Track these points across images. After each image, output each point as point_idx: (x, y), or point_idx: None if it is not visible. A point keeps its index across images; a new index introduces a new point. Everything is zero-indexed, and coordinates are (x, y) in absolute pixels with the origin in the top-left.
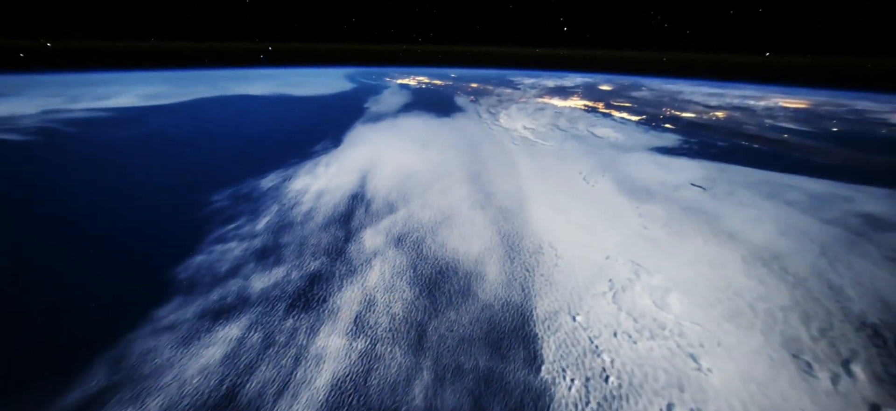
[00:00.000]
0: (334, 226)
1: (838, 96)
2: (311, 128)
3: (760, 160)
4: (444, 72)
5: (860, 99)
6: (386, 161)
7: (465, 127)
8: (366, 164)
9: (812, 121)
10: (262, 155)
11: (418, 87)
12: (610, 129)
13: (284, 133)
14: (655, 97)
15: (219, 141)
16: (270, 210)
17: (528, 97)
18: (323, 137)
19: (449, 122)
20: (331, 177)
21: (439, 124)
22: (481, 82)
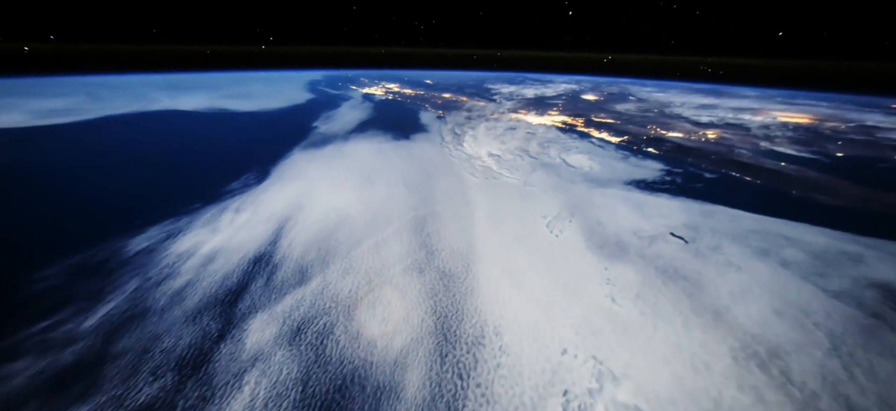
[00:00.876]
0: (211, 312)
1: (844, 103)
2: (234, 157)
3: (753, 199)
4: (424, 75)
5: (867, 108)
6: (316, 204)
7: (423, 153)
8: (288, 209)
9: (814, 142)
10: (150, 199)
11: (383, 99)
12: (585, 156)
13: (195, 165)
14: (641, 111)
15: (93, 181)
16: (124, 290)
17: (501, 112)
18: (246, 170)
19: (405, 147)
20: (235, 230)
21: (394, 150)
22: (455, 92)
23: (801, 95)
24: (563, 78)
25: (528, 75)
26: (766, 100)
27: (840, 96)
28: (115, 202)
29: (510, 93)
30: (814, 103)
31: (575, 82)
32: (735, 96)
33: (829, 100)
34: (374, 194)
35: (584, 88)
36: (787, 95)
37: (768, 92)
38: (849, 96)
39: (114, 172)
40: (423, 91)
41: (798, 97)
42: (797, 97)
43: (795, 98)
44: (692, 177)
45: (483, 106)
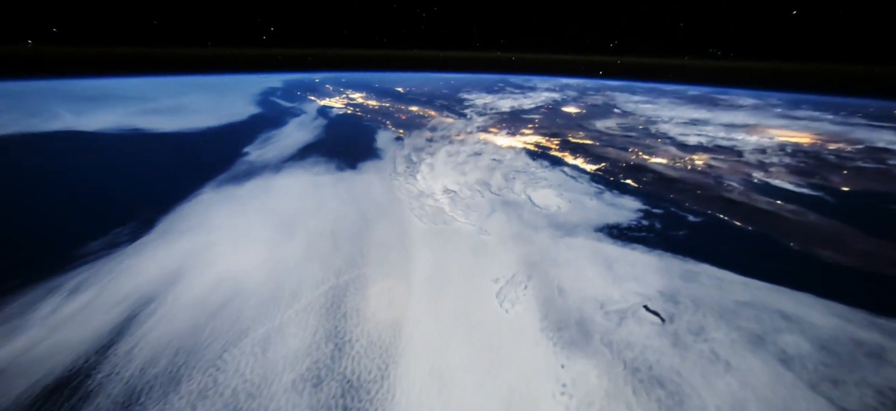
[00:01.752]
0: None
1: (851, 114)
2: (116, 200)
3: (743, 255)
4: (401, 80)
5: (876, 123)
6: (202, 272)
7: (366, 190)
8: (157, 283)
9: (815, 170)
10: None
11: (341, 114)
12: (554, 192)
13: (49, 216)
14: (624, 129)
15: None
16: None
17: (469, 131)
18: (123, 221)
19: (347, 181)
20: (52, 327)
21: (332, 185)
22: (424, 104)
23: (804, 101)
24: (553, 81)
25: (513, 78)
26: (764, 111)
27: (847, 102)
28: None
29: (484, 105)
30: (817, 116)
31: (560, 88)
32: (730, 107)
33: (835, 108)
34: (289, 251)
35: (567, 98)
36: (788, 102)
37: (768, 97)
38: (856, 102)
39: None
40: (389, 103)
41: (801, 103)
42: (800, 103)
43: (798, 105)
44: (673, 220)
45: (450, 123)
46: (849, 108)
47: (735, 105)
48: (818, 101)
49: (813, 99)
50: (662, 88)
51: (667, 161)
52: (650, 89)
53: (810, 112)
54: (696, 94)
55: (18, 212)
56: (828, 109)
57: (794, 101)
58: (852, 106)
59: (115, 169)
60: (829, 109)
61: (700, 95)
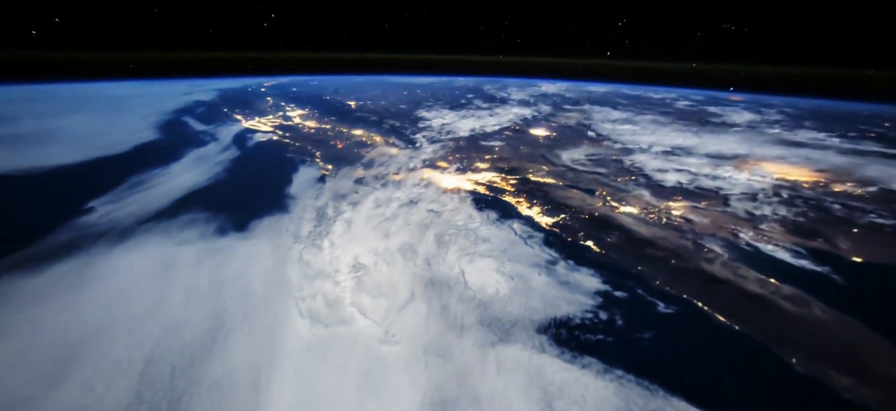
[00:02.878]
0: None
1: (861, 137)
2: None
3: (728, 381)
4: (366, 86)
5: (891, 150)
6: None
7: (243, 269)
8: None
9: (818, 228)
10: None
11: (264, 140)
12: (495, 265)
13: None
14: (594, 161)
15: None
16: None
17: (413, 166)
18: None
19: (220, 256)
20: None
21: (194, 263)
22: (372, 126)
23: (809, 111)
24: (531, 87)
25: (490, 83)
26: (759, 134)
27: (859, 109)
28: None
29: (441, 127)
30: (821, 140)
31: (534, 100)
32: (721, 127)
33: (844, 122)
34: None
35: (539, 115)
36: (790, 115)
37: (769, 104)
38: (869, 108)
39: None
40: (330, 124)
41: (805, 116)
42: (804, 116)
43: (801, 120)
44: (639, 312)
45: (393, 154)
46: (860, 121)
47: (727, 123)
48: (824, 111)
49: (819, 106)
50: (651, 97)
51: (638, 210)
52: (636, 99)
53: (814, 134)
54: (687, 105)
55: None
56: (835, 124)
57: (797, 112)
58: (864, 116)
59: None
60: (837, 123)
61: (690, 108)
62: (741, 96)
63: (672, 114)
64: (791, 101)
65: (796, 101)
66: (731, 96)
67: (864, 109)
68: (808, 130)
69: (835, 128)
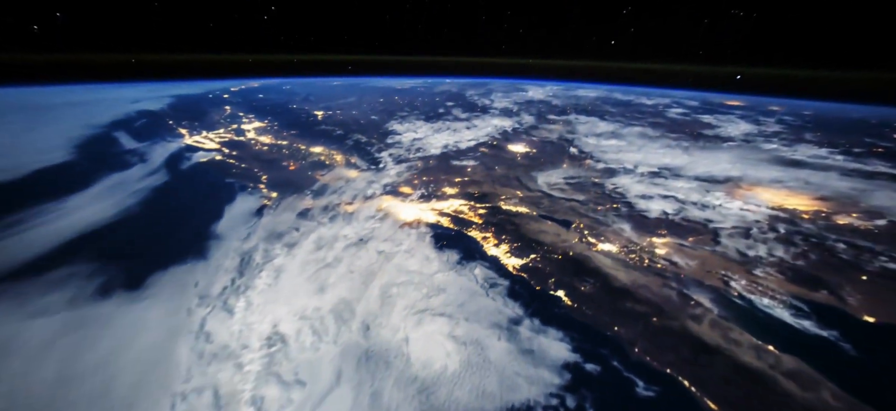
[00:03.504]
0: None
1: (867, 152)
2: None
3: None
4: (342, 92)
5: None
6: None
7: (113, 354)
8: None
9: (823, 276)
10: None
11: (204, 160)
12: (447, 326)
13: None
14: (574, 185)
15: None
16: None
17: (371, 193)
18: None
19: (91, 331)
20: None
21: (48, 342)
22: (334, 142)
23: (812, 119)
24: (516, 94)
25: (476, 85)
26: (755, 151)
27: (867, 113)
28: None
29: (412, 143)
30: (824, 157)
31: (518, 108)
32: (715, 142)
33: (850, 133)
34: None
35: (521, 126)
36: (791, 126)
37: (768, 111)
38: (873, 112)
39: None
40: (288, 139)
41: (806, 127)
42: (805, 127)
43: (802, 132)
44: (612, 396)
45: (351, 178)
46: (866, 131)
47: (721, 136)
48: (828, 118)
49: (823, 111)
50: (643, 103)
51: (618, 249)
52: (626, 106)
53: (815, 150)
54: (680, 114)
55: None
56: (838, 135)
57: (798, 121)
58: (871, 124)
59: None
60: (841, 135)
61: (683, 117)
62: (740, 100)
63: (662, 125)
64: (793, 105)
65: (799, 106)
66: (727, 100)
67: (872, 114)
68: (809, 145)
69: (838, 141)
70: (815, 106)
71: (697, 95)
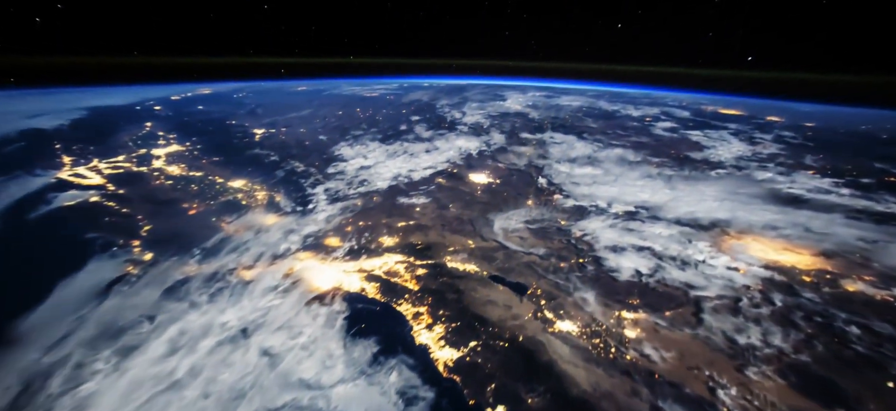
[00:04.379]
0: None
1: (875, 159)
2: None
3: None
4: (312, 98)
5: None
6: None
7: None
8: None
9: (841, 378)
10: None
11: (61, 208)
12: None
13: None
14: (537, 232)
15: None
16: None
17: (284, 249)
18: None
19: None
20: None
21: None
22: (261, 173)
23: (814, 137)
24: (494, 103)
25: (453, 95)
26: (749, 176)
27: (871, 118)
28: None
29: (357, 172)
30: (826, 192)
31: (491, 124)
32: (703, 169)
33: (857, 148)
34: None
35: (489, 148)
36: (790, 145)
37: (764, 129)
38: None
39: None
40: (202, 169)
41: (807, 145)
42: (806, 144)
43: (802, 153)
44: None
45: (266, 227)
46: (876, 149)
47: (710, 161)
48: (833, 131)
49: (827, 120)
50: (629, 115)
51: (578, 330)
52: (610, 118)
53: (817, 179)
54: (667, 129)
55: None
56: (845, 156)
57: (799, 138)
58: (881, 139)
59: None
60: (847, 155)
61: (669, 134)
62: (738, 106)
63: (646, 145)
64: (795, 112)
65: (801, 113)
66: (723, 108)
67: (881, 121)
68: (810, 172)
69: (844, 165)
70: (819, 112)
71: (693, 98)
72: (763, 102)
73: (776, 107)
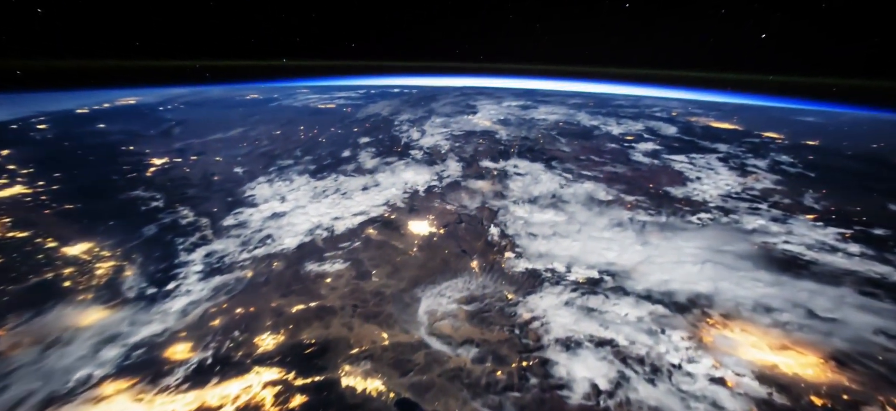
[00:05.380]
0: None
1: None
2: None
3: None
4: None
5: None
6: None
7: None
8: None
9: None
10: None
11: None
12: None
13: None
14: (473, 315)
15: None
16: None
17: (81, 383)
18: None
19: None
20: None
21: None
22: (129, 227)
23: (818, 161)
24: (461, 117)
25: (427, 97)
26: (737, 224)
27: (881, 127)
28: None
29: (262, 224)
30: (835, 247)
31: (449, 149)
32: (683, 210)
33: (867, 184)
34: None
35: (440, 184)
36: (791, 175)
37: (763, 148)
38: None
39: None
40: (34, 227)
41: (810, 172)
42: (809, 172)
43: (804, 185)
44: None
45: (79, 331)
46: (891, 183)
47: (692, 200)
48: (838, 154)
49: (832, 128)
50: (606, 136)
51: None
52: (585, 139)
53: (819, 231)
54: (649, 153)
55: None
56: (854, 193)
57: (802, 160)
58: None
59: None
60: (857, 190)
61: (650, 159)
62: (733, 117)
63: (621, 177)
64: (797, 126)
65: (804, 126)
66: (715, 121)
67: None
68: (811, 216)
69: (853, 208)
70: (823, 117)
71: (689, 99)
72: (763, 105)
73: (776, 114)
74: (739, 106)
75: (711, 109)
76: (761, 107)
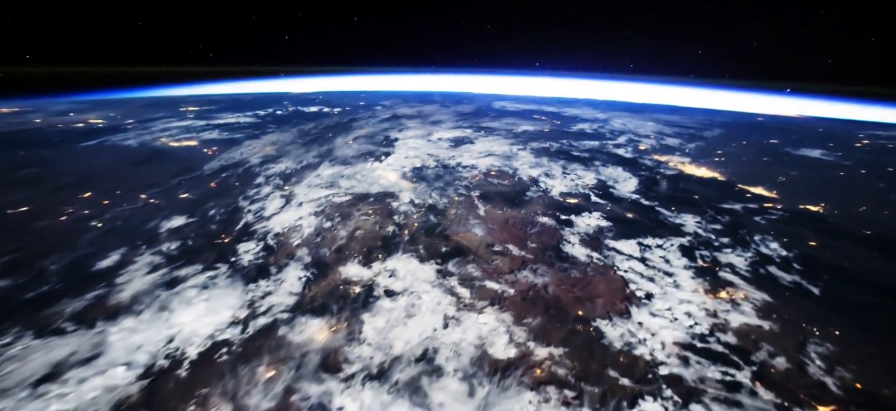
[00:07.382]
0: None
1: None
2: None
3: None
4: None
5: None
6: None
7: None
8: None
9: None
10: None
11: None
12: None
13: None
14: None
15: None
16: None
17: None
18: None
19: None
20: None
21: None
22: None
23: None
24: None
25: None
26: (711, 383)
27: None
28: None
29: None
30: None
31: (346, 210)
32: (625, 394)
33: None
34: None
35: (275, 311)
36: (790, 237)
37: (756, 204)
38: None
39: None
40: None
41: (813, 243)
42: (811, 243)
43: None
44: None
45: None
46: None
47: (634, 372)
48: (858, 234)
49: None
50: (549, 202)
51: None
52: (510, 206)
53: (829, 371)
54: (590, 234)
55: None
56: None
57: (803, 214)
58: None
59: None
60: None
61: (586, 257)
62: (715, 167)
63: (540, 299)
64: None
65: (809, 161)
66: (689, 166)
67: None
68: (830, 408)
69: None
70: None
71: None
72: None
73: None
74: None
75: (686, 129)
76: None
